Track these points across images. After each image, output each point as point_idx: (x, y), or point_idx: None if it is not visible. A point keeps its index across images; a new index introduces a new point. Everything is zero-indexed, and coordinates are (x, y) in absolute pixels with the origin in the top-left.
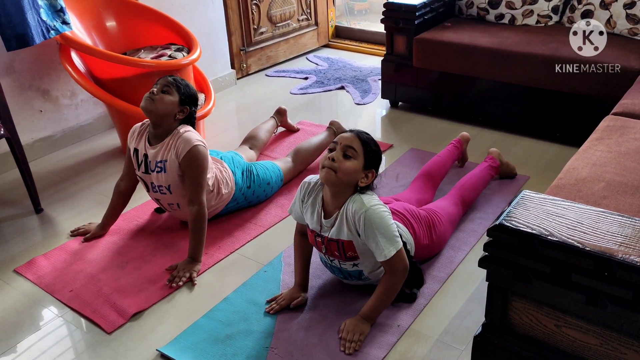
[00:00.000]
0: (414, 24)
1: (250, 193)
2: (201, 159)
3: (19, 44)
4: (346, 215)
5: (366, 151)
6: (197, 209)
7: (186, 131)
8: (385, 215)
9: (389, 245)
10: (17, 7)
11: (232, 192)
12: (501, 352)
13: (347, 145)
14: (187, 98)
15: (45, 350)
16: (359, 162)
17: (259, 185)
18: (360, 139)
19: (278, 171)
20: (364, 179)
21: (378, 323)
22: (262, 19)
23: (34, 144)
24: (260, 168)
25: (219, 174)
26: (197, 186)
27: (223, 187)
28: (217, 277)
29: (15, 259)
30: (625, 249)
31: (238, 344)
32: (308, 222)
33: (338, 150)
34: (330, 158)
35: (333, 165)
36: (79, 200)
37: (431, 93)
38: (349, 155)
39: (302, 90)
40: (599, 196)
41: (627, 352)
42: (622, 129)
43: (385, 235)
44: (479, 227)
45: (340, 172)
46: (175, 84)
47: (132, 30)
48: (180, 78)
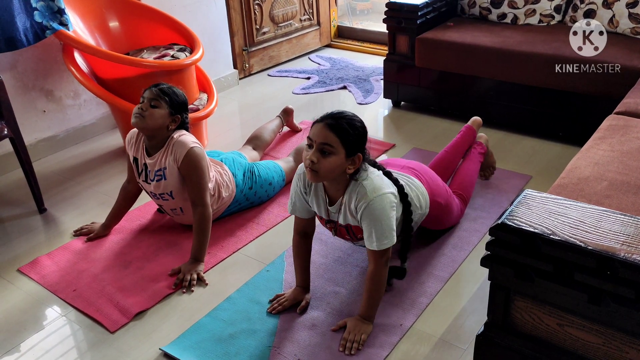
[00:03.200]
0: (416, 23)
1: (252, 194)
2: (199, 160)
3: (8, 46)
4: (349, 205)
5: (344, 141)
6: (202, 210)
7: (180, 135)
8: (388, 207)
9: (383, 238)
10: (7, 10)
11: (233, 195)
12: (504, 351)
13: (321, 142)
14: (176, 107)
15: (49, 349)
16: (339, 155)
17: (261, 185)
18: (333, 131)
19: (280, 171)
20: (351, 166)
21: (380, 323)
22: (265, 19)
23: (38, 144)
24: (262, 168)
25: (219, 178)
26: (199, 188)
27: (223, 191)
28: (220, 276)
29: (19, 259)
30: (628, 248)
31: (241, 343)
32: (316, 210)
33: (315, 149)
34: (310, 159)
35: (314, 167)
36: (83, 200)
37: (433, 93)
38: (327, 152)
39: (304, 90)
40: (601, 195)
41: (629, 351)
42: (625, 128)
43: (382, 227)
44: (481, 226)
45: (322, 171)
46: (162, 96)
47: (135, 31)
48: (167, 86)
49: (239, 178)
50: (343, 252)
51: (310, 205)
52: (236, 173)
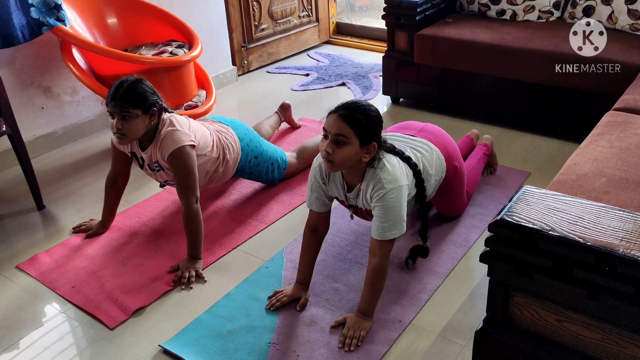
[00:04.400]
0: (415, 20)
1: (255, 164)
2: (184, 159)
3: (4, 43)
4: (365, 193)
5: (358, 131)
6: (185, 209)
7: (169, 129)
8: (402, 198)
9: (393, 228)
10: (3, 7)
11: (238, 158)
12: (502, 347)
13: (335, 134)
14: (147, 103)
15: (48, 346)
16: (353, 145)
17: (265, 160)
18: (346, 122)
19: (284, 156)
20: (366, 155)
21: (379, 319)
22: (263, 15)
23: (36, 141)
24: (270, 146)
25: (223, 139)
26: (183, 186)
27: (228, 153)
28: (219, 273)
29: (18, 256)
30: (627, 244)
31: (240, 339)
32: (337, 196)
33: (330, 140)
34: (325, 150)
35: (329, 157)
36: (81, 197)
37: (432, 89)
38: (341, 142)
39: (303, 87)
40: (600, 191)
41: (628, 347)
42: (624, 124)
43: (394, 218)
44: (480, 222)
45: (337, 161)
46: (127, 103)
47: (133, 27)
48: (126, 85)
49: (245, 142)
50: (342, 249)
51: (330, 193)
52: (242, 137)
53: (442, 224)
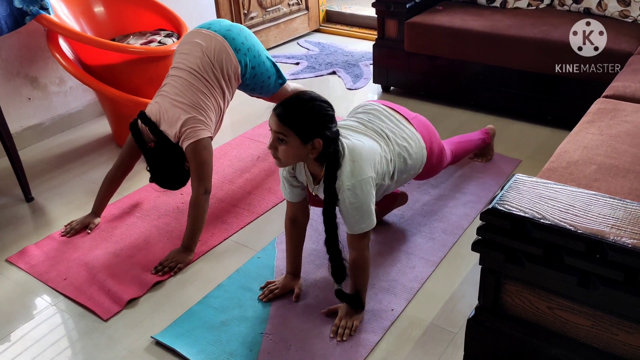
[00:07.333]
0: (405, 7)
1: (252, 75)
2: (200, 152)
3: None
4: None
5: (296, 128)
6: (194, 197)
7: (192, 128)
8: (366, 191)
9: (361, 223)
10: None
11: (239, 67)
12: (494, 335)
13: (275, 131)
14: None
15: (39, 338)
16: (294, 142)
17: (262, 73)
18: (281, 121)
19: (283, 76)
20: (313, 151)
21: (372, 308)
22: (252, 3)
23: (23, 132)
24: (269, 63)
25: (218, 99)
26: (197, 177)
27: (224, 102)
28: (211, 263)
29: (7, 248)
30: (617, 231)
31: (233, 330)
32: (305, 183)
33: (272, 138)
34: (269, 148)
35: (274, 155)
36: (70, 188)
37: (423, 77)
38: (282, 140)
39: (293, 76)
40: (590, 179)
41: (618, 333)
42: (613, 111)
43: (361, 213)
44: (471, 211)
45: (282, 159)
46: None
47: (121, 16)
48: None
49: (245, 49)
50: None
51: (300, 179)
52: (239, 48)
53: (434, 211)
